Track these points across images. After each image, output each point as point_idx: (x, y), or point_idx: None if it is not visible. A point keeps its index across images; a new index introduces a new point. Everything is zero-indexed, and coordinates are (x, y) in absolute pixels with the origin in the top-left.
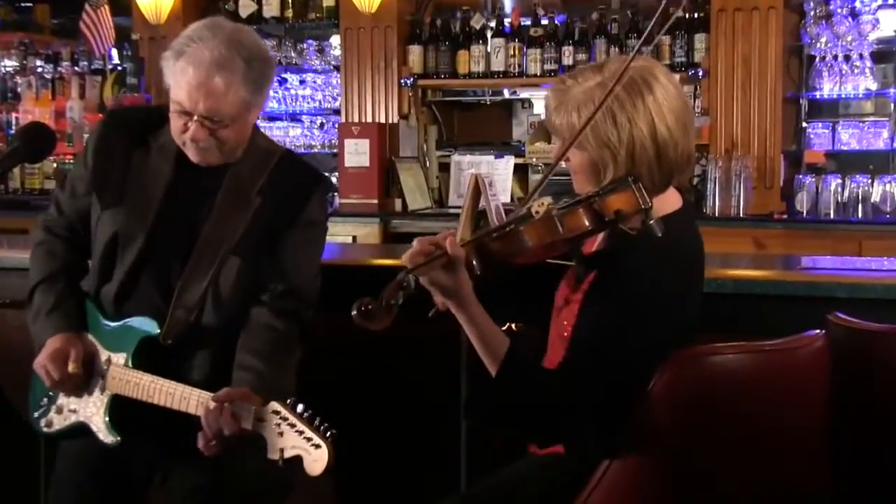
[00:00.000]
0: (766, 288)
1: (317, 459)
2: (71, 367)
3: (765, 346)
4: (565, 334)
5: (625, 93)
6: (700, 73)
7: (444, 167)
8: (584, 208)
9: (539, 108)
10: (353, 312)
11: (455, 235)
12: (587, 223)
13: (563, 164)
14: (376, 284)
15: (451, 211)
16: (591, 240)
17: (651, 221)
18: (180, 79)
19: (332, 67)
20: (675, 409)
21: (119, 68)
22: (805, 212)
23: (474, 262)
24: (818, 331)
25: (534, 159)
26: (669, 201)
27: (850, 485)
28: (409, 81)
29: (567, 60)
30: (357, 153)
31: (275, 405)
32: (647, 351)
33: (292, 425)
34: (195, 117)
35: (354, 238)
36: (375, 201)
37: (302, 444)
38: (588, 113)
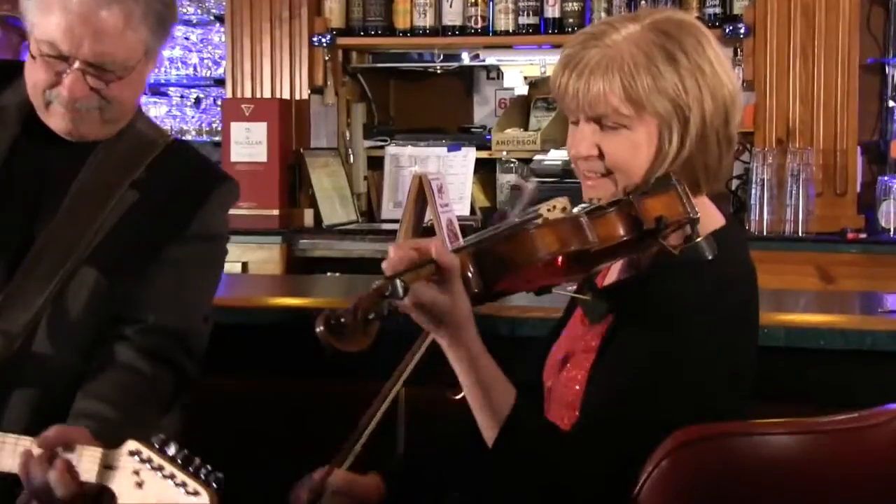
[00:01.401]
0: (835, 340)
1: None
2: None
3: (817, 426)
4: (570, 399)
5: (676, 30)
6: (742, 31)
7: (376, 163)
8: (619, 212)
9: (511, 79)
10: (320, 328)
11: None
12: (622, 231)
13: (579, 154)
14: (277, 336)
15: (385, 226)
16: (605, 271)
17: (699, 239)
18: (53, 8)
19: (212, 18)
20: None
21: None
22: (893, 229)
23: (470, 275)
24: None
25: (504, 152)
26: (710, 215)
27: None
28: (324, 39)
29: (552, 12)
30: (249, 143)
31: (133, 444)
32: (693, 412)
33: (159, 468)
34: (75, 64)
35: (245, 265)
36: (275, 212)
37: (173, 496)
38: (646, 67)
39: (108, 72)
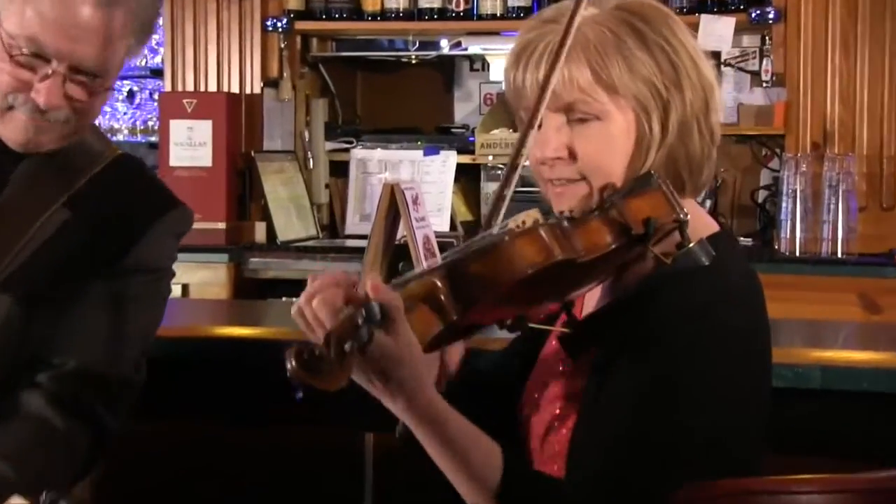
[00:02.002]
0: (880, 382)
1: None
2: None
3: (856, 483)
4: (558, 448)
5: (643, 9)
6: (772, 16)
7: (340, 169)
8: (601, 217)
9: (498, 71)
10: (292, 363)
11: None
12: (608, 238)
13: (546, 159)
14: (223, 371)
15: (350, 243)
16: (581, 298)
17: (691, 244)
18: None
19: None
20: None
21: None
22: None
23: (443, 298)
24: None
25: (490, 157)
26: (700, 220)
27: None
28: (280, 24)
29: None
30: (191, 144)
31: (16, 501)
32: (696, 439)
33: None
34: (59, 67)
35: (185, 288)
36: (222, 226)
37: None
38: (615, 46)
39: (95, 78)
